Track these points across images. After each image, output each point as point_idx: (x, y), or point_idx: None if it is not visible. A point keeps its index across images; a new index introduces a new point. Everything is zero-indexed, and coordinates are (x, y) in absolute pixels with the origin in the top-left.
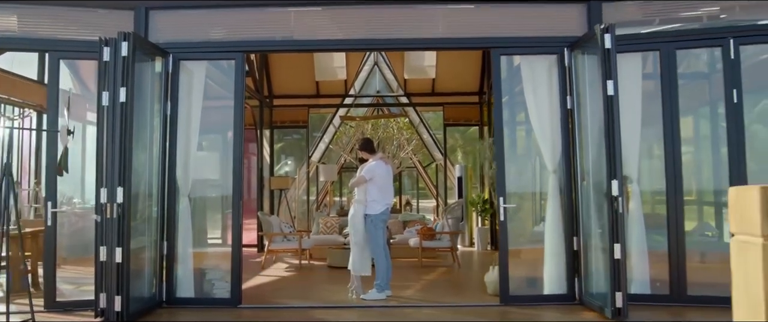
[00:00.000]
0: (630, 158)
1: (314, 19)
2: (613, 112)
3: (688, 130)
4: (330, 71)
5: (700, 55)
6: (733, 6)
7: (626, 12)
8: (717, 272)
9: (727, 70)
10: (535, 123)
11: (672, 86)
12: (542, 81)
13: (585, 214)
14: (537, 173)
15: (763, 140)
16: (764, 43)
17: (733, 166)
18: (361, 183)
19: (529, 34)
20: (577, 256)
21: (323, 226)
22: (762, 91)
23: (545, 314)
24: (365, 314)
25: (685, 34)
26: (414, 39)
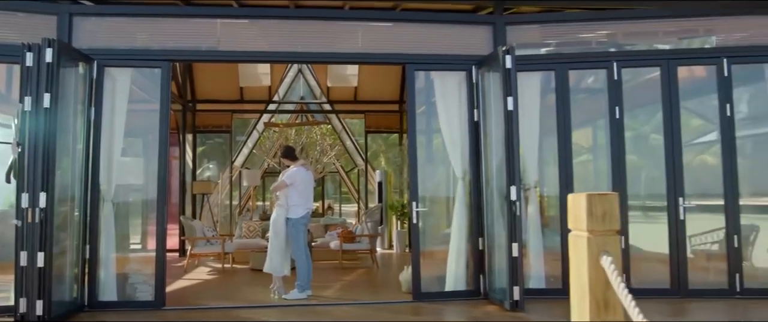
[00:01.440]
0: (529, 166)
1: (240, 30)
2: (512, 126)
3: (586, 140)
4: (254, 77)
5: (598, 73)
6: (616, 33)
7: (528, 34)
8: None
9: (611, 90)
10: (446, 133)
11: (565, 102)
12: (453, 95)
13: (489, 217)
14: (449, 179)
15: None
16: (642, 67)
17: (614, 173)
18: (283, 188)
19: (441, 51)
20: (482, 255)
21: (246, 230)
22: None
23: (452, 308)
24: (286, 312)
25: (577, 57)
26: (336, 53)
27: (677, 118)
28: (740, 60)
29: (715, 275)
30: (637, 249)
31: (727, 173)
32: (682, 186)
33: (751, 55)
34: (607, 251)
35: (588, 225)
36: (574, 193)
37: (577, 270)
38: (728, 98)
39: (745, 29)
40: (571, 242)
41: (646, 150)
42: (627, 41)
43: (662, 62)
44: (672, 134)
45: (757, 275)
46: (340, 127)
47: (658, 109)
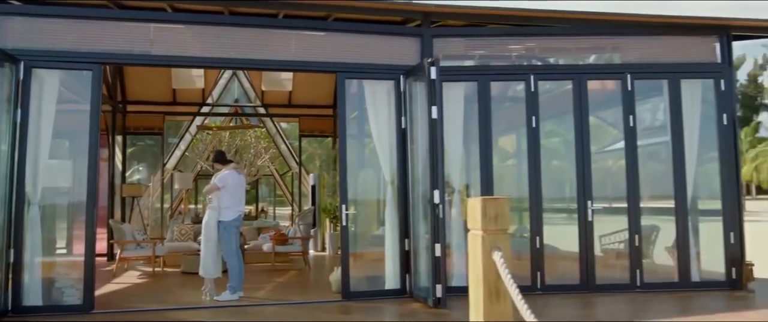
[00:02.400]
0: (453, 171)
1: (175, 35)
2: (436, 133)
3: (512, 145)
4: (188, 79)
5: (518, 85)
6: (534, 48)
7: (453, 47)
8: (526, 266)
9: (529, 101)
10: (376, 139)
11: (486, 111)
12: (382, 102)
13: (415, 219)
14: (379, 183)
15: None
16: (557, 80)
17: (531, 178)
18: (214, 191)
19: (371, 61)
20: (408, 255)
21: (178, 233)
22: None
23: (379, 306)
24: (218, 313)
25: (498, 69)
26: (269, 60)
27: (587, 128)
28: (642, 76)
29: (620, 271)
30: (553, 248)
31: (630, 179)
32: (591, 190)
33: (651, 71)
34: (499, 248)
35: (482, 225)
36: (495, 196)
37: (474, 264)
38: (631, 110)
39: (646, 48)
40: (470, 240)
41: (562, 156)
42: (543, 56)
43: (574, 76)
44: (582, 142)
45: (657, 271)
46: (275, 130)
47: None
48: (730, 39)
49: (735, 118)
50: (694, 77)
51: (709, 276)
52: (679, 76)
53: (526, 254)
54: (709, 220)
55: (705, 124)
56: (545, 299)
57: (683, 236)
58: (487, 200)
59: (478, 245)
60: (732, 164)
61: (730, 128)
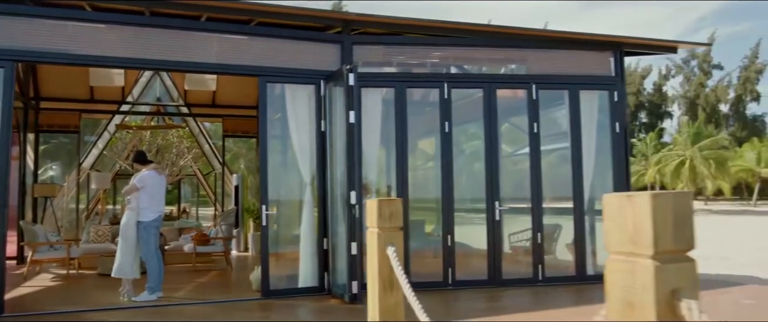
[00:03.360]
0: (371, 173)
1: (94, 34)
2: (353, 136)
3: (432, 148)
4: (106, 76)
5: (433, 92)
6: (448, 57)
7: (373, 54)
8: (438, 263)
9: (442, 107)
10: (296, 141)
11: (403, 116)
12: (303, 106)
13: (334, 218)
14: (299, 184)
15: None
16: (468, 88)
17: (444, 179)
18: (133, 191)
19: (292, 65)
20: (327, 254)
21: (94, 234)
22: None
23: (298, 303)
24: (137, 313)
25: (414, 76)
26: (190, 62)
27: (495, 133)
28: (545, 86)
29: (525, 266)
30: (465, 246)
31: (534, 181)
32: (498, 191)
33: (553, 82)
34: (393, 244)
35: (378, 223)
36: (410, 197)
37: (371, 258)
38: (536, 118)
39: (550, 60)
40: (367, 237)
41: (479, 159)
42: (457, 65)
43: (484, 85)
44: (490, 147)
45: (559, 266)
46: (198, 130)
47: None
48: (622, 55)
49: (625, 126)
50: (592, 89)
51: (601, 270)
52: (578, 87)
53: (440, 251)
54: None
55: (600, 131)
56: (455, 293)
57: (580, 234)
58: (383, 201)
59: (375, 242)
60: (622, 168)
61: (621, 136)
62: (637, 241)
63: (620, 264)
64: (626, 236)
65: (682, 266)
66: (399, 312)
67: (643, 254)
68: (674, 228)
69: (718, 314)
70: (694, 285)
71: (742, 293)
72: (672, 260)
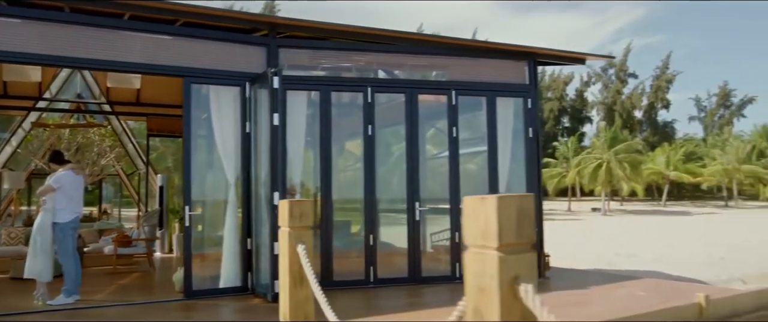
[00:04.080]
0: (295, 174)
1: (10, 29)
2: (277, 139)
3: (359, 150)
4: (21, 71)
5: (357, 95)
6: (372, 62)
7: (299, 57)
8: (362, 262)
9: (365, 111)
10: (220, 142)
11: (327, 119)
12: (228, 107)
13: (258, 219)
14: (224, 185)
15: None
16: (391, 92)
17: (367, 181)
18: (49, 192)
19: (218, 67)
20: (250, 254)
21: (6, 237)
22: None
23: (221, 303)
24: (52, 316)
25: (339, 80)
26: (113, 61)
27: (416, 137)
28: (465, 92)
29: (445, 265)
30: (389, 245)
31: (452, 182)
32: (418, 192)
33: (472, 89)
34: (303, 242)
35: (289, 223)
36: (338, 198)
37: (282, 256)
38: (455, 123)
39: (469, 68)
40: (279, 236)
41: (403, 161)
42: (380, 70)
43: (406, 90)
44: (411, 149)
45: None
46: (121, 129)
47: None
48: (536, 64)
49: (537, 131)
50: (507, 96)
51: None
52: (495, 94)
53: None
54: None
55: (515, 136)
56: (376, 291)
57: None
58: (293, 202)
59: (286, 240)
60: (534, 171)
61: (533, 140)
62: (486, 236)
63: (474, 256)
64: (479, 231)
65: (522, 256)
66: (309, 307)
67: (490, 246)
68: (517, 225)
69: (610, 304)
70: (532, 272)
71: (638, 286)
72: (514, 252)
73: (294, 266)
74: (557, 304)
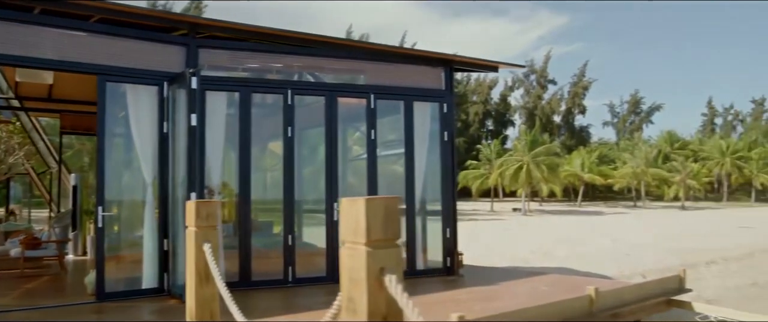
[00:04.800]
0: (213, 174)
1: None
2: (195, 139)
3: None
4: None
5: (277, 97)
6: (293, 65)
7: (219, 58)
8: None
9: (285, 112)
10: (137, 142)
11: (247, 120)
12: (145, 107)
13: (175, 220)
14: (141, 185)
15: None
16: (311, 95)
17: (285, 182)
18: None
19: (135, 65)
20: (167, 255)
21: None
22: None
23: (135, 304)
24: None
25: (259, 82)
26: (21, 56)
27: (335, 138)
28: (383, 96)
29: None
30: (312, 246)
31: (370, 184)
32: (337, 193)
33: (390, 93)
34: (209, 241)
35: (195, 223)
36: (263, 198)
37: (189, 255)
38: (373, 125)
39: (387, 72)
40: (186, 235)
41: (320, 163)
42: (300, 72)
43: (326, 93)
44: (331, 151)
45: None
46: (31, 125)
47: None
48: (452, 71)
49: (453, 135)
50: (425, 100)
51: (431, 265)
52: (412, 99)
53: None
54: (433, 219)
55: (432, 139)
56: (294, 290)
57: (411, 233)
58: (200, 203)
59: (192, 239)
60: (449, 173)
61: (448, 143)
62: (357, 233)
63: (347, 251)
64: (351, 229)
65: (388, 251)
66: (214, 305)
67: (360, 242)
68: (384, 223)
69: (513, 299)
70: (397, 264)
71: (543, 281)
72: (381, 247)
73: (200, 264)
74: (466, 299)
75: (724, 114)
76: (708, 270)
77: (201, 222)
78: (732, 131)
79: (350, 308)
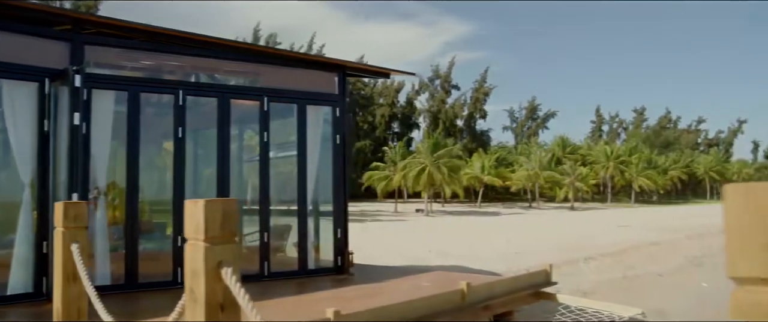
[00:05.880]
0: (99, 174)
1: None
2: (77, 139)
3: None
4: None
5: (168, 98)
6: (185, 65)
7: (107, 55)
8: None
9: (176, 113)
10: (13, 140)
11: (135, 120)
12: (24, 104)
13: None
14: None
15: None
16: (204, 96)
17: (176, 182)
18: None
19: (13, 60)
20: (46, 258)
21: None
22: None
23: (5, 310)
24: None
25: (150, 81)
26: None
27: (227, 140)
28: (277, 99)
29: (254, 264)
30: None
31: (262, 185)
32: (228, 194)
33: (284, 96)
34: (77, 241)
35: (63, 223)
36: (159, 198)
37: (57, 255)
38: (266, 128)
39: (281, 76)
40: (55, 236)
41: (211, 163)
42: (193, 73)
43: (219, 94)
44: (222, 152)
45: (288, 263)
46: None
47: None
48: (345, 76)
49: (345, 138)
50: (318, 104)
51: (323, 264)
52: (306, 102)
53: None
54: (326, 219)
55: (324, 142)
56: (181, 291)
57: (303, 233)
58: (67, 204)
59: (60, 240)
60: (340, 175)
61: (341, 146)
62: (197, 230)
63: (190, 247)
64: (193, 227)
65: (225, 247)
66: (82, 304)
67: (200, 239)
68: (221, 222)
69: (395, 295)
70: (234, 259)
71: (427, 278)
72: (219, 243)
73: (68, 265)
74: (350, 297)
75: (610, 122)
76: (586, 265)
77: (69, 223)
78: (616, 138)
79: (191, 297)
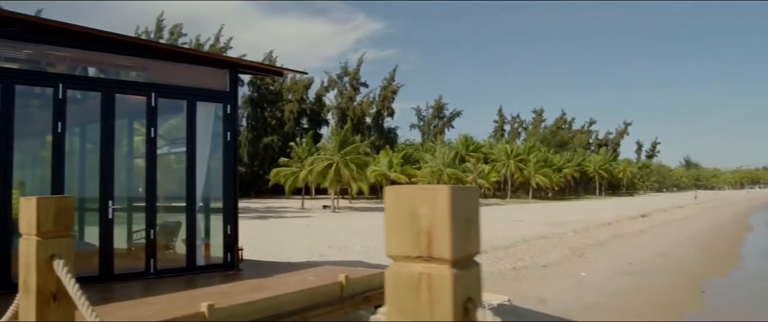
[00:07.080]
0: None
1: None
2: None
3: None
4: None
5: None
6: (66, 58)
7: None
8: None
9: (55, 107)
10: None
11: (9, 115)
12: None
13: None
14: None
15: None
16: (86, 90)
17: (54, 178)
18: None
19: None
20: None
21: None
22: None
23: None
24: None
25: (26, 74)
26: None
27: (112, 135)
28: (165, 95)
29: (141, 261)
30: (91, 245)
31: (149, 182)
32: (113, 191)
33: (173, 92)
34: None
35: None
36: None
37: None
38: (153, 123)
39: (171, 71)
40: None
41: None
42: (78, 66)
43: (103, 88)
44: (106, 148)
45: (176, 260)
46: None
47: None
48: (237, 73)
49: (235, 135)
50: (208, 101)
51: (212, 260)
52: (196, 99)
53: None
54: (216, 216)
55: (215, 139)
56: None
57: (192, 229)
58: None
59: None
60: (231, 172)
61: (231, 143)
62: (30, 225)
63: (25, 241)
64: (27, 223)
65: (58, 240)
66: None
67: (33, 233)
68: (55, 218)
69: (279, 288)
70: (67, 252)
71: (313, 273)
72: (51, 237)
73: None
74: (236, 291)
75: (511, 122)
76: (478, 258)
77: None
78: (517, 137)
79: (25, 288)
